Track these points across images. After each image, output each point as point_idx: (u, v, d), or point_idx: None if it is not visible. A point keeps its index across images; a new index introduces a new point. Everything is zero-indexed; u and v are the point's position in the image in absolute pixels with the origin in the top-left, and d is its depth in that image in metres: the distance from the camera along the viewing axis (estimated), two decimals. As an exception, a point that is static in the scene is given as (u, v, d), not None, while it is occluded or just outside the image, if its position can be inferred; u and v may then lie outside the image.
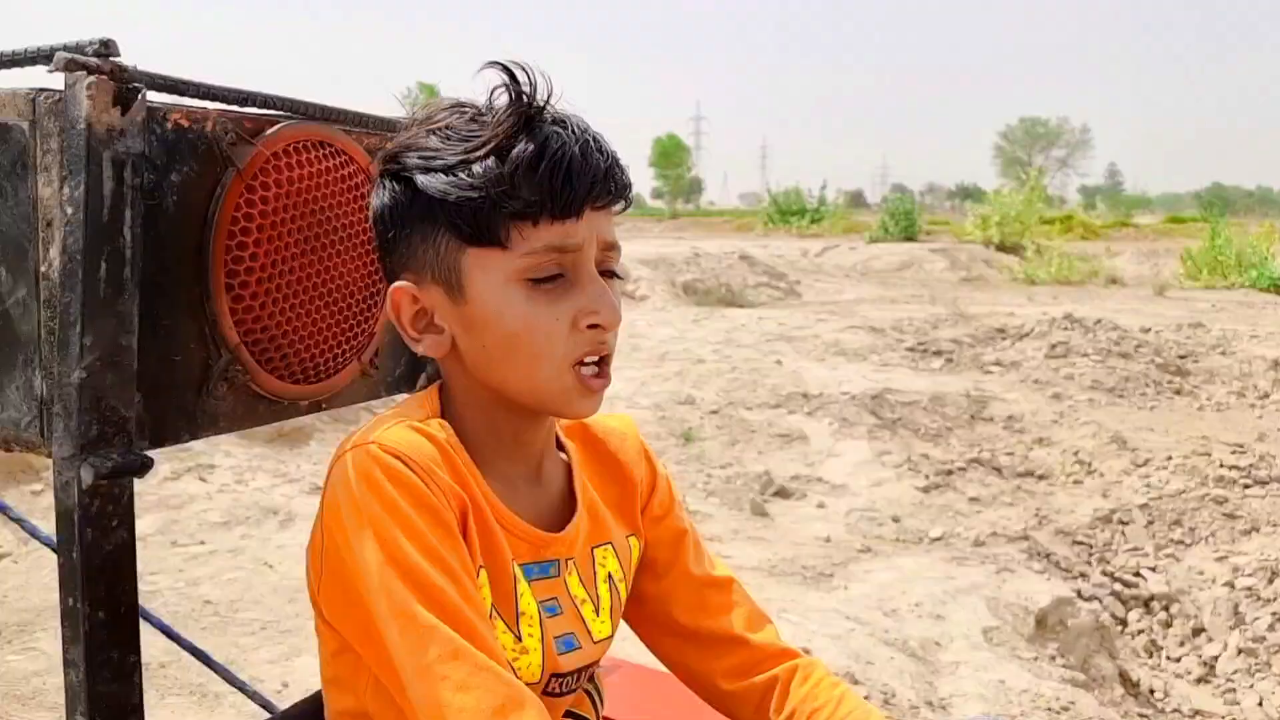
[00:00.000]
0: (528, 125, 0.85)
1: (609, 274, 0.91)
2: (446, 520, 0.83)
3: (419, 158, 0.88)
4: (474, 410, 0.93)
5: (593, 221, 0.88)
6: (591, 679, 1.04)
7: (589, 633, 0.98)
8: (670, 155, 67.61)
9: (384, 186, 0.91)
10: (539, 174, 0.84)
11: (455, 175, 0.85)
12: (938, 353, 8.94)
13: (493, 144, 0.85)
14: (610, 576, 1.01)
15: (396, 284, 0.91)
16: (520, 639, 0.90)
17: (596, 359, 0.90)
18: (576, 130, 0.87)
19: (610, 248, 0.91)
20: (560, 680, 0.95)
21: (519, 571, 0.91)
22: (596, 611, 0.99)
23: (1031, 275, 17.36)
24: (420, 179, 0.87)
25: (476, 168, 0.85)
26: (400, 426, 0.86)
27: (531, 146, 0.84)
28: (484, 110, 0.88)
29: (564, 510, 0.99)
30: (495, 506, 0.91)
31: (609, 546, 1.02)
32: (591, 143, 0.87)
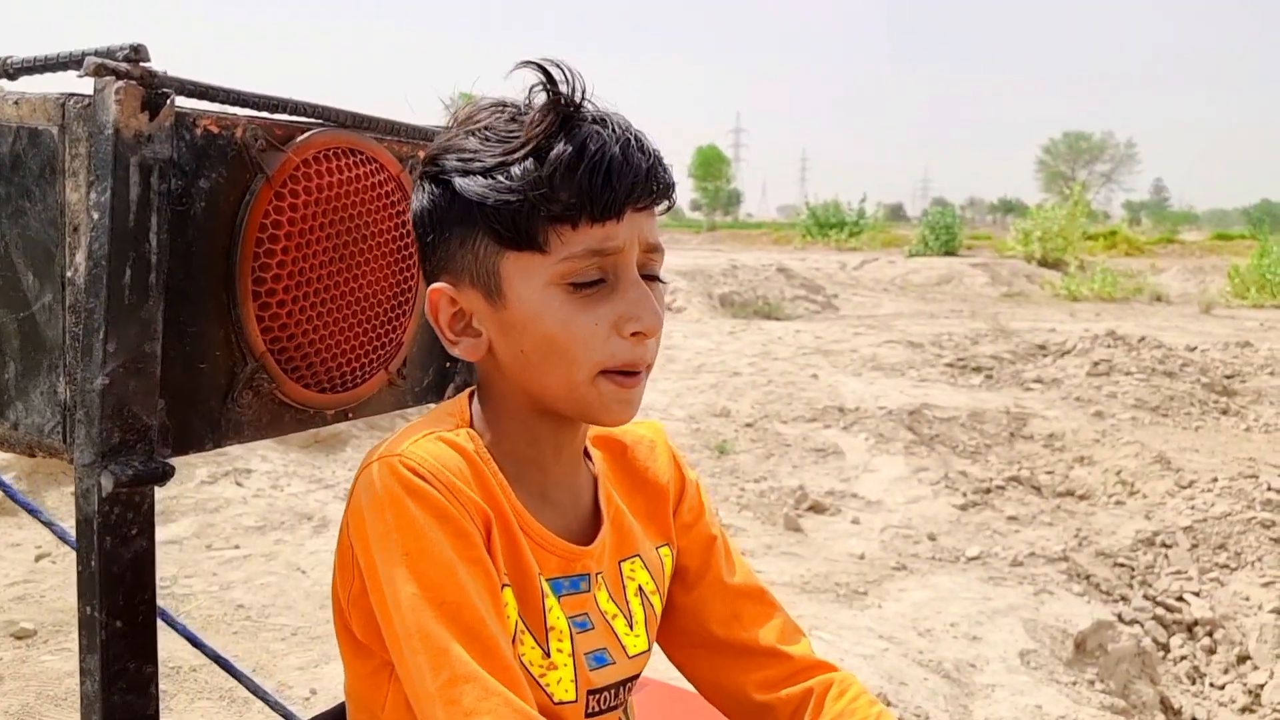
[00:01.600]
0: (566, 125, 0.83)
1: (651, 278, 0.89)
2: (469, 534, 0.81)
3: (458, 159, 0.86)
4: (508, 417, 0.91)
5: (634, 223, 0.85)
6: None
7: (623, 647, 0.95)
8: (711, 166, 67.53)
9: (423, 189, 0.89)
10: (578, 175, 0.81)
11: (493, 178, 0.83)
12: (977, 369, 8.83)
13: (531, 145, 0.82)
14: (641, 589, 0.98)
15: (434, 285, 0.89)
16: (549, 654, 0.87)
17: (636, 367, 0.87)
18: (617, 129, 0.84)
19: (653, 250, 0.88)
20: (597, 696, 0.92)
21: (547, 587, 0.89)
22: (630, 625, 0.96)
23: (1074, 291, 17.13)
24: (458, 181, 0.85)
25: (515, 169, 0.83)
26: (428, 439, 0.85)
27: (570, 147, 0.82)
28: (524, 110, 0.86)
29: (593, 522, 0.97)
30: (524, 519, 0.89)
31: (637, 559, 0.99)
32: (633, 141, 0.85)
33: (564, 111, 0.83)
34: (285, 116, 1.01)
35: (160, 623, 0.99)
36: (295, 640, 3.24)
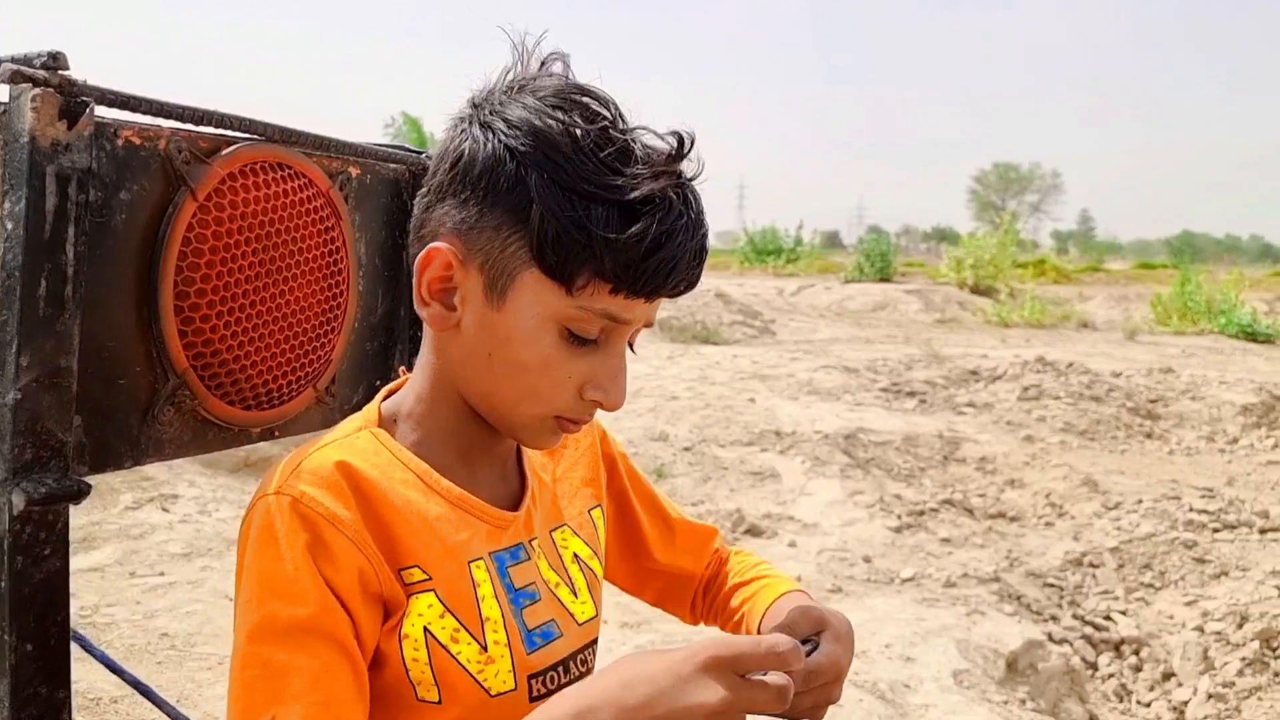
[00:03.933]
0: (663, 195, 0.79)
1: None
2: (328, 586, 0.78)
3: (544, 155, 0.78)
4: (443, 398, 0.89)
5: (654, 305, 0.85)
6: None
7: (571, 615, 0.94)
8: (649, 193, 67.71)
9: (489, 145, 0.81)
10: (650, 261, 0.79)
11: (570, 201, 0.77)
12: (911, 393, 8.96)
13: (622, 194, 0.78)
14: (577, 556, 0.98)
15: (437, 245, 0.83)
16: (486, 649, 0.85)
17: (582, 422, 0.89)
18: (694, 216, 0.82)
19: (648, 325, 0.89)
20: (541, 679, 0.89)
21: (484, 570, 0.87)
22: (574, 593, 0.96)
23: (1005, 318, 17.51)
24: (534, 178, 0.78)
25: (595, 210, 0.77)
26: (318, 454, 0.82)
27: (656, 229, 0.78)
28: (616, 122, 0.81)
29: (519, 492, 0.97)
30: (453, 494, 0.87)
31: (565, 528, 0.99)
32: (700, 235, 0.83)
33: (673, 184, 0.80)
34: (211, 129, 0.99)
35: (79, 651, 0.96)
36: (222, 669, 3.16)
